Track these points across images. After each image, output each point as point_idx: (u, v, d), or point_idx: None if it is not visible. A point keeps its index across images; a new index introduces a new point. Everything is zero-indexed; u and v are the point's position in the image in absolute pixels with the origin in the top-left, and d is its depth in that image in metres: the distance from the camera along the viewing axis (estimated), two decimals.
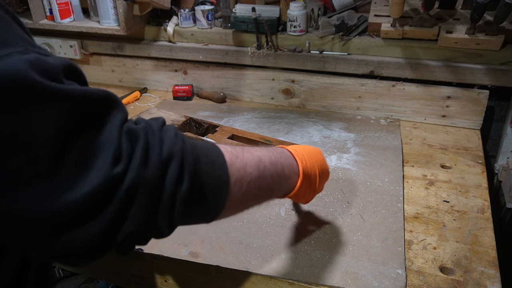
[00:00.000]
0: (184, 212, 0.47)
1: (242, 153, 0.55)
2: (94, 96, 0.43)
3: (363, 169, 1.03)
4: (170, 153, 0.45)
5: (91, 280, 1.65)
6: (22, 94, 0.37)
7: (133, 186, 0.42)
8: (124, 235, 0.44)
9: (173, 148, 0.46)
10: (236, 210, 0.56)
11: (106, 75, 1.63)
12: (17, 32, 0.42)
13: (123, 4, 1.34)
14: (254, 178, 0.55)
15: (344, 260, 0.76)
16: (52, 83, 0.39)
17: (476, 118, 1.21)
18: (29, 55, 0.39)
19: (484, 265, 0.76)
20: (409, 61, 1.22)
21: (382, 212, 0.88)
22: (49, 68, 0.40)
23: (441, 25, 1.18)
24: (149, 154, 0.44)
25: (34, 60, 0.39)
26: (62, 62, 0.42)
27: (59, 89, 0.39)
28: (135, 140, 0.44)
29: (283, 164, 0.62)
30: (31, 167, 0.38)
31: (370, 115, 1.30)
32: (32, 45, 0.42)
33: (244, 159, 0.54)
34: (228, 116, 1.31)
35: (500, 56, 1.14)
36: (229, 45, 1.42)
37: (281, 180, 0.62)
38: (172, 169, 0.45)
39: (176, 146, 0.46)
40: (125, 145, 0.43)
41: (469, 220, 0.87)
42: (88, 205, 0.41)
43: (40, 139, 0.38)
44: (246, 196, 0.55)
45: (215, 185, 0.50)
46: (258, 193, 0.58)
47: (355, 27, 1.29)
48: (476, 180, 1.00)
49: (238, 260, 0.77)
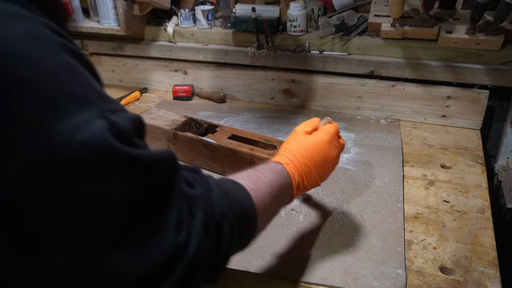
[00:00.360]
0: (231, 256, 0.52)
1: (259, 185, 0.59)
2: (163, 159, 0.44)
3: (363, 169, 1.03)
4: (222, 216, 0.48)
5: None
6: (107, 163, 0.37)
7: (197, 256, 0.44)
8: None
9: (224, 209, 0.49)
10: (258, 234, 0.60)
11: (106, 75, 1.63)
12: (91, 85, 0.40)
13: (123, 4, 1.34)
14: (269, 206, 0.60)
15: (344, 260, 0.76)
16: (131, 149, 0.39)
17: (476, 118, 1.21)
18: (107, 119, 0.38)
19: (484, 265, 0.76)
20: (409, 61, 1.22)
21: (382, 212, 0.88)
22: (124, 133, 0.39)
23: (441, 25, 1.18)
24: (208, 224, 0.46)
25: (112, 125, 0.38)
26: (134, 122, 0.42)
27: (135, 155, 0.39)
28: (193, 207, 0.46)
29: (284, 185, 0.65)
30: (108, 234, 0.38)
31: (370, 115, 1.30)
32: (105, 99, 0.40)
33: (262, 190, 0.59)
34: (228, 116, 1.31)
35: (500, 56, 1.14)
36: (229, 45, 1.42)
37: (285, 198, 0.66)
38: (225, 231, 0.49)
39: (225, 207, 0.49)
40: (185, 211, 0.45)
41: (469, 220, 0.87)
42: (152, 273, 0.41)
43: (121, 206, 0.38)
44: (265, 220, 0.60)
45: (250, 226, 0.56)
46: (271, 216, 0.63)
47: (355, 27, 1.29)
48: (476, 180, 1.00)
49: (238, 260, 0.77)
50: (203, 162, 1.04)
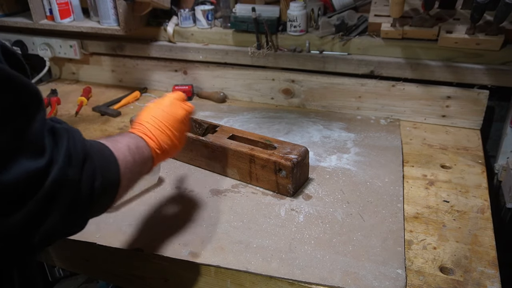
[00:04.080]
0: (96, 206, 0.54)
1: (116, 143, 0.62)
2: (31, 88, 0.46)
3: (363, 169, 1.03)
4: (85, 153, 0.51)
5: (91, 280, 1.65)
6: None
7: (57, 183, 0.46)
8: (45, 230, 0.47)
9: (86, 149, 0.52)
10: (120, 198, 0.62)
11: (106, 75, 1.63)
12: None
13: (123, 4, 1.33)
14: (130, 165, 0.62)
15: (344, 260, 0.76)
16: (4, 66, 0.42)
17: (476, 118, 1.21)
18: None
19: (484, 265, 0.76)
20: (409, 61, 1.22)
21: (382, 212, 0.88)
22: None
23: (441, 25, 1.18)
24: (71, 154, 0.49)
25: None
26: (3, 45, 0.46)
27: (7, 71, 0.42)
28: (58, 138, 0.48)
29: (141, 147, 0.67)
30: None
31: (370, 115, 1.30)
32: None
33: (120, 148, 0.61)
34: (228, 116, 1.31)
35: (500, 56, 1.14)
36: (229, 45, 1.42)
37: (145, 162, 0.68)
38: (88, 168, 0.51)
39: (86, 146, 0.52)
40: (47, 140, 0.47)
41: (469, 220, 0.87)
42: (10, 196, 0.43)
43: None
44: (128, 182, 0.62)
45: (113, 179, 0.57)
46: (135, 177, 0.65)
47: (355, 27, 1.29)
48: (476, 180, 1.00)
49: (238, 260, 0.77)
50: (203, 162, 1.04)
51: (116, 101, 1.46)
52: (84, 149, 0.51)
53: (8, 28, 1.62)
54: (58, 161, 0.47)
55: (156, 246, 0.81)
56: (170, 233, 0.84)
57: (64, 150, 0.48)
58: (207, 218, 0.88)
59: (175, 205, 0.93)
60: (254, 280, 0.76)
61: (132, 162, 0.62)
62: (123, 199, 0.93)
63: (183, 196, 0.96)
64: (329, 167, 1.04)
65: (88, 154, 0.51)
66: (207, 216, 0.89)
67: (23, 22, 1.53)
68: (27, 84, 0.45)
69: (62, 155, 0.47)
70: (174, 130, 0.74)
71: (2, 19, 1.55)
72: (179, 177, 1.02)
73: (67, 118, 1.37)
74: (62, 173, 0.47)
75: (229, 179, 1.01)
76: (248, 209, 0.90)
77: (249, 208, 0.91)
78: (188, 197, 0.95)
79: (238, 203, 0.93)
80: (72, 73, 1.69)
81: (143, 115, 0.74)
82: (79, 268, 0.92)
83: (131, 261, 0.83)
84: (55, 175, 0.46)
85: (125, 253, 0.82)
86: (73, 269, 1.04)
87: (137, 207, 0.92)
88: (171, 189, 0.98)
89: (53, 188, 0.46)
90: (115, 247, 0.82)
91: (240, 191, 0.97)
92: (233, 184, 0.99)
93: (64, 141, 0.49)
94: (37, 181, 0.45)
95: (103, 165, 0.55)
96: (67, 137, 0.49)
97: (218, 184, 0.99)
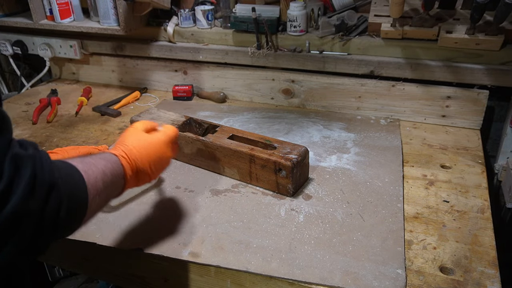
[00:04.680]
0: (57, 234, 0.52)
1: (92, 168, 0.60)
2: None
3: (363, 169, 1.03)
4: (52, 183, 0.49)
5: (91, 280, 1.65)
6: None
7: (16, 214, 0.45)
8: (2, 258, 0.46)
9: (54, 177, 0.50)
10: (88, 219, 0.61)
11: (106, 75, 1.63)
12: None
13: (123, 4, 1.33)
14: (101, 191, 0.61)
15: (344, 260, 0.76)
16: None
17: (476, 118, 1.21)
18: None
19: (484, 265, 0.76)
20: (409, 61, 1.22)
21: (382, 212, 0.88)
22: None
23: (441, 25, 1.18)
24: (35, 184, 0.47)
25: None
26: None
27: None
28: (21, 167, 0.46)
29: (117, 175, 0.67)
30: None
31: (370, 115, 1.30)
32: None
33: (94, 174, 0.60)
34: (228, 116, 1.31)
35: (500, 56, 1.14)
36: (229, 45, 1.42)
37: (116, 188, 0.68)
38: (53, 198, 0.49)
39: (54, 175, 0.50)
40: (7, 168, 0.45)
41: (469, 220, 0.87)
42: None
43: None
44: (96, 207, 0.61)
45: (80, 205, 0.56)
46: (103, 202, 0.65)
47: (355, 27, 1.29)
48: (476, 180, 1.00)
49: (238, 260, 0.77)
50: (203, 162, 1.04)
51: (116, 101, 1.46)
52: (51, 177, 0.50)
53: (8, 28, 1.63)
54: (18, 191, 0.45)
55: (156, 246, 0.81)
56: (170, 233, 0.84)
57: (27, 179, 0.46)
58: (207, 218, 0.88)
59: (175, 205, 0.93)
60: (254, 280, 0.76)
61: (102, 189, 0.61)
62: (123, 199, 0.93)
63: (183, 196, 0.96)
64: (329, 167, 1.04)
65: (55, 183, 0.50)
66: (207, 216, 0.89)
67: (23, 22, 1.53)
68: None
69: (23, 184, 0.46)
70: (155, 169, 0.74)
71: (2, 19, 1.55)
72: (179, 177, 1.02)
73: (67, 118, 1.37)
74: (22, 204, 0.45)
75: (229, 179, 1.01)
76: (248, 209, 0.90)
77: (249, 208, 0.91)
78: (188, 197, 0.95)
79: (238, 203, 0.93)
80: (72, 73, 1.69)
81: (136, 143, 0.73)
82: (79, 268, 0.92)
83: (131, 261, 0.83)
84: (14, 205, 0.44)
85: (125, 253, 0.82)
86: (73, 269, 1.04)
87: (137, 207, 0.92)
88: (171, 189, 0.98)
89: (11, 219, 0.44)
90: (115, 247, 0.82)
91: (240, 191, 0.97)
92: (233, 184, 0.99)
93: (28, 170, 0.47)
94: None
95: (71, 192, 0.53)
96: (32, 165, 0.48)
97: (218, 184, 0.99)
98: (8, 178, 0.45)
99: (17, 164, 0.46)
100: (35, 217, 0.47)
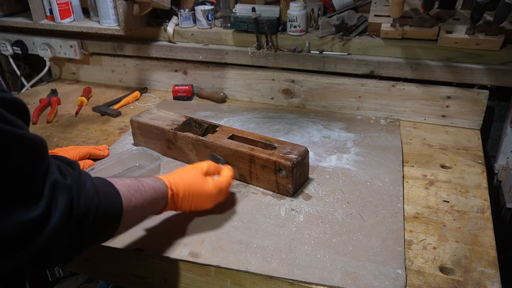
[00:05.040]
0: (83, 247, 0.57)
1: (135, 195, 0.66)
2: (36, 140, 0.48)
3: (363, 169, 1.03)
4: (87, 209, 0.54)
5: (91, 280, 1.65)
6: None
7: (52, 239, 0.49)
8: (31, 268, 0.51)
9: (91, 204, 0.54)
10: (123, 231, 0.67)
11: (106, 75, 1.63)
12: None
13: (123, 4, 1.33)
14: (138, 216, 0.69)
15: (344, 260, 0.76)
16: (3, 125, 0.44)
17: (476, 118, 1.21)
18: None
19: (484, 265, 0.76)
20: (409, 61, 1.22)
21: (382, 212, 0.88)
22: None
23: (441, 25, 1.18)
24: (72, 210, 0.51)
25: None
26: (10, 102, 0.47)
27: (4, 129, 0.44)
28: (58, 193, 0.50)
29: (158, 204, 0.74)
30: None
31: (370, 115, 1.30)
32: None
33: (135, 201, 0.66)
34: (228, 116, 1.31)
35: (500, 56, 1.14)
36: (229, 45, 1.42)
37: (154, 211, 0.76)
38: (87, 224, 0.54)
39: (93, 202, 0.55)
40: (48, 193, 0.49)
41: (469, 220, 0.87)
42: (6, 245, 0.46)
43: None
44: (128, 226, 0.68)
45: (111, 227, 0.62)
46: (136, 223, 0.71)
47: (355, 27, 1.29)
48: (476, 180, 1.00)
49: (238, 260, 0.77)
50: None
51: (116, 101, 1.46)
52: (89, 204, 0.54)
53: (8, 28, 1.63)
54: (56, 215, 0.49)
55: (156, 246, 0.81)
56: (170, 233, 0.84)
57: (64, 205, 0.50)
58: (207, 218, 0.88)
59: None
60: (254, 280, 0.76)
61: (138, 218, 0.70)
62: None
63: None
64: (329, 167, 1.04)
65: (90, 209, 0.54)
66: (207, 216, 0.89)
67: (23, 22, 1.53)
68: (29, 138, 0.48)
69: (61, 209, 0.50)
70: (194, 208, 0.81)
71: (2, 19, 1.55)
72: None
73: (67, 118, 1.37)
74: (60, 228, 0.49)
75: None
76: (248, 209, 0.90)
77: (249, 208, 0.91)
78: None
79: (238, 203, 0.93)
80: (72, 73, 1.69)
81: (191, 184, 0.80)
82: (79, 268, 0.92)
83: (131, 261, 0.83)
84: (53, 228, 0.49)
85: (125, 253, 0.82)
86: (73, 269, 1.04)
87: None
88: None
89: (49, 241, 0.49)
90: (115, 247, 0.82)
91: (240, 191, 0.97)
92: (233, 184, 0.99)
93: (64, 197, 0.51)
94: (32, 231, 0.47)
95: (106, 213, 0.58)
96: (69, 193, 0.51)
97: None
98: (47, 202, 0.48)
99: (55, 191, 0.50)
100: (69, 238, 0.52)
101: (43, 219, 0.48)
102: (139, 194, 0.67)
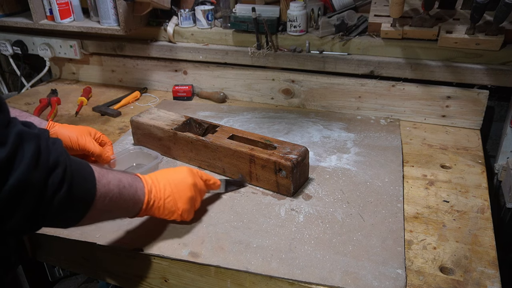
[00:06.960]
0: (54, 214, 0.54)
1: (107, 173, 0.64)
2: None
3: (363, 169, 1.03)
4: (56, 161, 0.53)
5: (91, 280, 1.65)
6: None
7: (23, 183, 0.48)
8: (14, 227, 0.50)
9: (59, 158, 0.53)
10: (93, 220, 0.64)
11: (106, 75, 1.63)
12: None
13: (123, 4, 1.34)
14: (115, 195, 0.64)
15: (344, 260, 0.76)
16: None
17: (476, 118, 1.21)
18: None
19: (484, 265, 0.76)
20: (409, 61, 1.22)
21: (382, 212, 0.88)
22: None
23: (441, 25, 1.18)
24: (40, 158, 0.50)
25: None
26: None
27: None
28: (25, 141, 0.50)
29: (134, 188, 0.70)
30: None
31: (370, 115, 1.30)
32: None
33: (108, 178, 0.63)
34: (228, 116, 1.31)
35: (500, 56, 1.14)
36: (229, 45, 1.42)
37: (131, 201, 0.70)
38: (56, 175, 0.52)
39: (62, 156, 0.54)
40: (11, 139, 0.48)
41: (469, 220, 0.87)
42: None
43: None
44: (105, 209, 0.64)
45: (85, 196, 0.58)
46: (115, 208, 0.67)
47: (355, 27, 1.29)
48: (476, 180, 1.00)
49: (238, 260, 0.77)
50: (203, 162, 1.04)
51: (116, 101, 1.46)
52: (56, 156, 0.53)
53: (8, 28, 1.63)
54: (23, 163, 0.48)
55: (156, 246, 0.81)
56: (170, 233, 0.84)
57: (31, 152, 0.49)
58: (207, 218, 0.88)
59: None
60: (254, 280, 0.76)
61: (117, 194, 0.65)
62: None
63: None
64: (329, 167, 1.04)
65: (59, 162, 0.53)
66: (207, 216, 0.89)
67: (23, 22, 1.53)
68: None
69: (28, 157, 0.49)
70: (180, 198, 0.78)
71: (2, 19, 1.55)
72: None
73: (67, 118, 1.37)
74: (27, 174, 0.48)
75: None
76: (248, 209, 0.90)
77: (249, 208, 0.91)
78: None
79: (238, 203, 0.93)
80: (72, 73, 1.69)
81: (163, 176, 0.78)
82: (79, 268, 0.91)
83: (131, 261, 0.83)
84: (20, 175, 0.48)
85: (125, 253, 0.82)
86: (73, 269, 1.04)
87: None
88: None
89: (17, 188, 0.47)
90: (115, 247, 0.82)
91: (240, 191, 0.97)
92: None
93: (31, 145, 0.50)
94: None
95: (76, 178, 0.56)
96: (36, 142, 0.51)
97: None
98: (12, 148, 0.47)
99: (21, 139, 0.49)
100: (39, 188, 0.50)
101: (9, 163, 0.47)
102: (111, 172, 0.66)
